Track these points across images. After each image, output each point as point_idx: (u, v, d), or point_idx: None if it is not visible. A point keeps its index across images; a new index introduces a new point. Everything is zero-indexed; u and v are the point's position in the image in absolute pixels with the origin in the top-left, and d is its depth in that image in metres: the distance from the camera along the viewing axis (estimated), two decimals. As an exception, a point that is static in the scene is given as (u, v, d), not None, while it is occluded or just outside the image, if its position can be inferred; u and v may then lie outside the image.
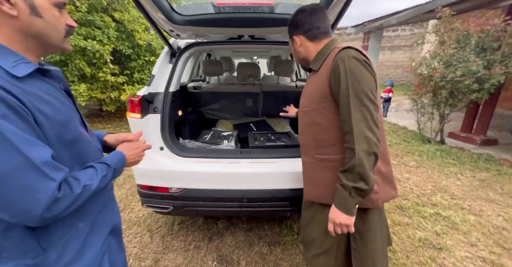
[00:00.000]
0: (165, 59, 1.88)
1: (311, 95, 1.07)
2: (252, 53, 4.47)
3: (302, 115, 1.12)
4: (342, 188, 0.92)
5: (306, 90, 1.13)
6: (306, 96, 1.12)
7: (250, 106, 2.85)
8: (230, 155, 1.71)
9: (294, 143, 1.91)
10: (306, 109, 1.09)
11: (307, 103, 1.09)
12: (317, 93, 1.02)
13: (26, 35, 0.55)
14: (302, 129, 1.14)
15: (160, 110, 1.72)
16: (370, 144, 0.87)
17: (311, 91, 1.07)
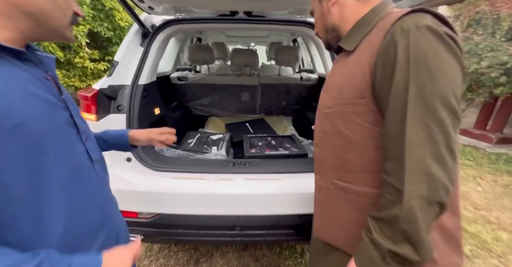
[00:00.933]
0: (133, 41, 1.42)
1: (338, 92, 0.68)
2: (249, 39, 3.95)
3: (321, 120, 0.77)
4: (371, 243, 0.55)
5: (331, 83, 0.74)
6: (330, 92, 0.73)
7: (246, 101, 2.42)
8: (219, 169, 1.31)
9: (301, 151, 1.51)
10: (328, 112, 0.72)
11: (330, 103, 0.71)
12: (348, 89, 0.64)
13: (21, 12, 0.43)
14: (319, 140, 0.79)
15: (126, 109, 1.29)
16: (435, 186, 0.49)
17: (339, 85, 0.68)
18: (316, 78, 2.31)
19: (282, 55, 2.18)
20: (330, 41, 0.75)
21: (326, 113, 0.72)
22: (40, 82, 0.47)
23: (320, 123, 0.76)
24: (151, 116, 1.57)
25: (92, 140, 0.58)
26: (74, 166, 0.49)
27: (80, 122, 0.54)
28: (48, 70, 0.51)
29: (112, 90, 1.27)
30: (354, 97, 0.62)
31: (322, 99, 0.75)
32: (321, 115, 0.75)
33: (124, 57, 1.36)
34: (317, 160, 0.80)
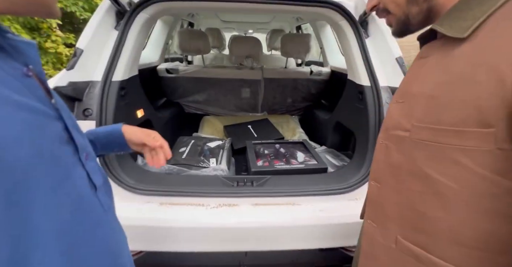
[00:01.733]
0: (104, 23, 1.06)
1: (427, 108, 0.43)
2: (247, 25, 3.54)
3: (386, 144, 0.53)
4: None
5: (411, 92, 0.48)
6: (408, 107, 0.47)
7: (246, 98, 2.11)
8: (220, 190, 1.04)
9: (320, 165, 1.25)
10: (403, 137, 0.47)
11: (408, 124, 0.46)
12: (452, 107, 0.39)
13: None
14: (379, 173, 0.55)
15: (95, 114, 0.96)
16: None
17: (431, 98, 0.43)
18: (328, 72, 2.01)
19: (291, 44, 1.85)
20: (411, 20, 0.47)
21: (398, 138, 0.48)
22: (17, 82, 0.34)
23: (383, 149, 0.52)
24: (132, 120, 1.24)
25: (93, 159, 0.45)
26: (72, 200, 0.37)
27: (78, 136, 0.41)
28: (29, 63, 0.37)
29: (75, 89, 0.94)
30: (465, 123, 0.37)
31: (393, 114, 0.51)
32: (388, 138, 0.52)
33: (91, 44, 1.01)
34: (372, 201, 0.57)
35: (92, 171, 0.42)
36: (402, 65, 1.06)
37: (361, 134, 1.23)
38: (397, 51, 1.09)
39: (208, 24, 3.18)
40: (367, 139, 1.13)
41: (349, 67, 1.36)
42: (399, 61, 1.07)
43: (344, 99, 1.50)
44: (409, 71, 0.53)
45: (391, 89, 1.11)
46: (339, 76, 1.88)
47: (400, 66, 1.07)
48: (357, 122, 1.27)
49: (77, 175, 0.39)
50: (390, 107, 0.53)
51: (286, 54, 1.93)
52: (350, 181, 1.10)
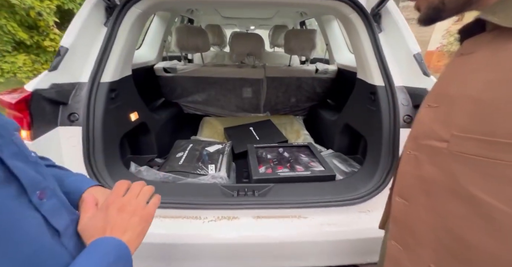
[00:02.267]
0: (92, 18, 0.97)
1: (473, 115, 0.35)
2: (249, 21, 3.41)
3: (416, 155, 0.45)
4: None
5: (449, 94, 0.40)
6: (446, 112, 0.40)
7: (248, 98, 2.01)
8: (219, 201, 0.95)
9: (328, 172, 1.15)
10: (440, 148, 0.39)
11: (447, 133, 0.38)
12: (509, 115, 0.30)
13: None
14: (407, 189, 0.48)
15: (82, 119, 0.88)
16: None
17: (479, 103, 0.34)
18: (335, 70, 1.90)
19: (295, 41, 1.74)
20: (447, 5, 0.39)
21: (431, 149, 0.41)
22: None
23: (412, 160, 0.45)
24: (125, 125, 1.15)
25: (52, 195, 0.35)
26: (25, 257, 0.27)
27: (25, 169, 0.31)
28: None
29: (59, 92, 0.85)
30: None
31: (424, 121, 0.43)
32: (418, 148, 0.44)
33: (77, 42, 0.92)
34: (398, 220, 0.50)
35: (51, 213, 0.33)
36: (421, 63, 0.95)
37: (373, 138, 1.13)
38: (415, 46, 0.98)
39: (208, 21, 3.07)
40: (380, 144, 1.03)
41: (359, 65, 1.25)
42: (417, 58, 0.96)
43: (354, 100, 1.39)
44: (445, 70, 0.44)
45: (407, 90, 1.00)
46: (346, 75, 1.76)
47: (419, 64, 0.96)
48: (369, 126, 1.17)
49: (28, 223, 0.30)
50: (421, 112, 0.44)
51: (289, 52, 1.82)
52: (361, 191, 1.00)
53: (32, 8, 3.17)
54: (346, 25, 1.21)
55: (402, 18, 1.02)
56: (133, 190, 0.45)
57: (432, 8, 0.40)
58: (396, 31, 1.02)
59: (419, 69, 0.96)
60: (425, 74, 0.94)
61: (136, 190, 0.46)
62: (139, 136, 1.38)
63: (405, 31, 1.00)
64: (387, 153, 1.01)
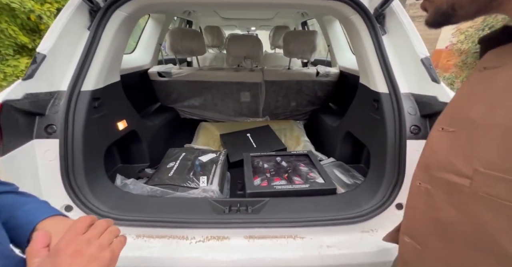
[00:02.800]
0: (73, 22, 0.91)
1: (504, 148, 0.26)
2: (249, 22, 3.35)
3: (429, 190, 0.36)
4: None
5: (470, 118, 0.31)
6: (467, 140, 0.31)
7: (246, 102, 1.94)
8: (208, 218, 0.88)
9: (328, 185, 1.07)
10: (460, 185, 0.31)
11: (468, 169, 0.30)
12: None
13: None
14: (419, 231, 0.39)
15: (60, 131, 0.82)
16: None
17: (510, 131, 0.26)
18: (337, 73, 1.81)
19: (294, 43, 1.66)
20: (458, 11, 0.33)
21: (448, 185, 0.33)
22: None
23: (424, 195, 0.37)
24: (111, 134, 1.09)
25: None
26: None
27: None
28: None
29: (33, 102, 0.79)
30: None
31: (438, 148, 0.36)
32: (430, 181, 0.37)
33: (57, 47, 0.87)
34: (408, 264, 0.42)
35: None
36: (430, 68, 0.86)
37: (377, 149, 1.04)
38: (422, 50, 0.89)
39: (207, 22, 3.01)
40: (384, 156, 0.94)
41: (361, 70, 1.16)
42: (425, 63, 0.87)
43: (356, 107, 1.30)
44: (464, 86, 0.36)
45: (414, 97, 0.91)
46: (349, 78, 1.67)
47: (427, 69, 0.87)
48: (372, 135, 1.08)
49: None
50: (433, 137, 0.37)
51: (289, 54, 1.73)
52: (364, 207, 0.91)
53: (32, 11, 3.16)
54: (347, 27, 1.12)
55: (408, 19, 0.93)
56: (96, 228, 0.38)
57: (440, 13, 0.33)
58: (401, 34, 0.93)
59: (427, 75, 0.86)
60: (434, 81, 0.85)
61: (100, 228, 0.38)
62: (129, 144, 1.32)
63: (412, 33, 0.91)
64: (392, 167, 0.92)
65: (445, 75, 3.56)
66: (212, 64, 2.70)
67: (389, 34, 0.99)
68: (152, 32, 1.83)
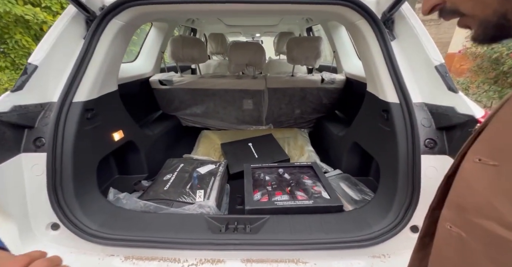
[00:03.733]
0: (69, 31, 0.89)
1: None
2: (254, 29, 3.34)
3: (463, 241, 0.28)
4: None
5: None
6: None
7: (249, 110, 1.89)
8: (203, 238, 0.81)
9: (334, 202, 0.99)
10: (497, 236, 0.23)
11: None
12: None
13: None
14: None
15: (48, 144, 0.78)
16: None
17: None
18: (343, 80, 1.74)
19: (298, 50, 1.61)
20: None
21: (491, 236, 0.26)
22: None
23: (456, 241, 0.30)
24: (106, 146, 1.06)
25: None
26: None
27: None
28: None
29: (22, 115, 0.76)
30: None
31: (474, 183, 0.28)
32: (464, 225, 0.30)
33: (51, 57, 0.84)
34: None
35: None
36: (445, 76, 0.78)
37: (387, 163, 0.95)
38: (436, 57, 0.81)
39: (212, 30, 3.02)
40: (396, 172, 0.85)
41: (369, 78, 1.09)
42: (440, 71, 0.80)
43: (363, 117, 1.22)
44: (508, 107, 0.28)
45: (428, 108, 0.83)
46: (356, 85, 1.60)
47: (442, 77, 0.79)
48: (382, 148, 0.99)
49: None
50: (468, 170, 0.30)
51: (292, 61, 1.68)
52: (374, 229, 0.83)
53: (45, 22, 3.27)
54: (353, 33, 1.06)
55: (420, 24, 0.86)
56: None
57: (491, 26, 0.27)
58: (412, 39, 0.86)
59: (442, 84, 0.78)
60: (451, 90, 0.77)
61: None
62: (126, 155, 1.28)
63: (424, 38, 0.83)
64: (405, 183, 0.83)
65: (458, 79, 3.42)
66: (216, 71, 2.68)
67: (398, 39, 0.92)
68: (155, 41, 1.82)
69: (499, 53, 2.67)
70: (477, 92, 3.12)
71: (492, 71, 2.83)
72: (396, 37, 0.92)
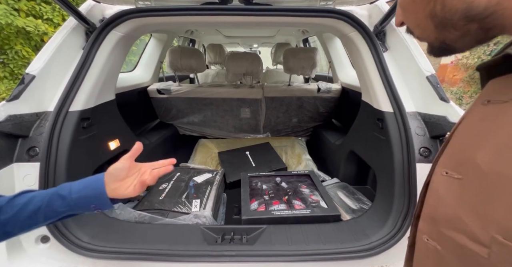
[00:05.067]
0: (68, 42, 0.91)
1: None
2: (251, 40, 3.43)
3: (439, 253, 0.28)
4: None
5: (486, 167, 0.23)
6: (489, 194, 0.23)
7: (246, 118, 1.90)
8: (198, 249, 0.80)
9: (331, 211, 0.98)
10: (485, 259, 0.22)
11: (496, 235, 0.21)
12: None
13: None
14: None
15: (42, 154, 0.77)
16: None
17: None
18: (339, 90, 1.77)
19: (294, 60, 1.65)
20: (454, 45, 0.29)
21: (462, 250, 0.26)
22: None
23: (433, 256, 0.30)
24: (101, 155, 1.05)
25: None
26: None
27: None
28: None
29: (16, 124, 0.76)
30: None
31: (443, 195, 0.29)
32: (438, 237, 0.30)
33: (49, 67, 0.85)
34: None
35: None
36: (437, 87, 0.81)
37: (383, 172, 0.95)
38: (427, 67, 0.84)
39: (210, 40, 3.09)
40: (393, 180, 0.85)
41: (363, 88, 1.11)
42: (431, 81, 0.82)
43: (359, 125, 1.24)
44: (467, 122, 0.30)
45: (422, 117, 0.84)
46: (351, 95, 1.63)
47: (434, 88, 0.81)
48: (377, 157, 1.00)
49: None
50: (437, 182, 0.30)
51: (289, 71, 1.72)
52: (372, 239, 0.81)
53: (46, 34, 3.33)
54: (347, 44, 1.09)
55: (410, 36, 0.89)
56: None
57: (436, 48, 0.31)
58: (404, 51, 0.89)
59: (434, 94, 0.80)
60: (443, 100, 0.79)
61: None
62: None
63: (415, 50, 0.86)
64: (401, 192, 0.83)
65: (452, 89, 3.50)
66: (214, 81, 2.72)
67: (390, 51, 0.95)
68: (154, 51, 1.86)
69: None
70: (470, 102, 3.19)
71: (483, 81, 2.91)
72: (388, 48, 0.96)
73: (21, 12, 3.06)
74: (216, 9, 0.96)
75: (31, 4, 3.15)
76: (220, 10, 0.96)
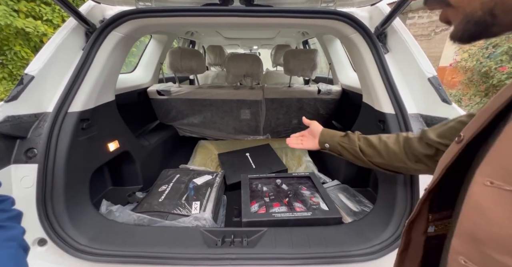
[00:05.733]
0: (68, 43, 0.90)
1: None
2: (251, 42, 3.43)
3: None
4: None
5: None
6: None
7: (246, 120, 1.89)
8: (198, 253, 0.78)
9: (332, 214, 0.97)
10: None
11: None
12: None
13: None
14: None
15: (40, 155, 0.76)
16: None
17: None
18: (339, 91, 1.77)
19: (294, 62, 1.64)
20: (499, 17, 0.24)
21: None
22: None
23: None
24: (100, 156, 1.04)
25: None
26: None
27: None
28: None
29: (14, 125, 0.75)
30: None
31: (492, 213, 0.23)
32: (482, 261, 0.24)
33: (47, 68, 0.84)
34: None
35: None
36: (439, 88, 0.80)
37: (385, 174, 0.95)
38: (429, 69, 0.84)
39: (210, 42, 3.09)
40: (395, 183, 0.85)
41: (364, 89, 1.11)
42: (433, 83, 0.81)
43: (360, 127, 1.23)
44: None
45: (424, 119, 0.84)
46: (352, 96, 1.63)
47: (436, 89, 0.81)
48: None
49: None
50: (478, 194, 0.25)
51: (289, 72, 1.72)
52: (374, 241, 0.81)
53: (45, 35, 3.32)
54: (348, 46, 1.09)
55: (411, 38, 0.89)
56: None
57: (473, 22, 0.25)
58: (405, 52, 0.89)
59: (436, 95, 0.80)
60: (445, 101, 0.78)
61: None
62: (122, 165, 1.26)
63: (416, 51, 0.86)
64: (403, 195, 0.82)
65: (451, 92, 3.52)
66: (214, 82, 2.71)
67: (391, 52, 0.95)
68: (154, 52, 1.85)
69: (488, 67, 2.76)
70: (469, 104, 3.21)
71: (482, 84, 2.92)
72: (389, 50, 0.95)
73: (20, 13, 3.06)
74: (217, 10, 0.96)
75: (30, 5, 3.15)
76: (221, 11, 0.95)
